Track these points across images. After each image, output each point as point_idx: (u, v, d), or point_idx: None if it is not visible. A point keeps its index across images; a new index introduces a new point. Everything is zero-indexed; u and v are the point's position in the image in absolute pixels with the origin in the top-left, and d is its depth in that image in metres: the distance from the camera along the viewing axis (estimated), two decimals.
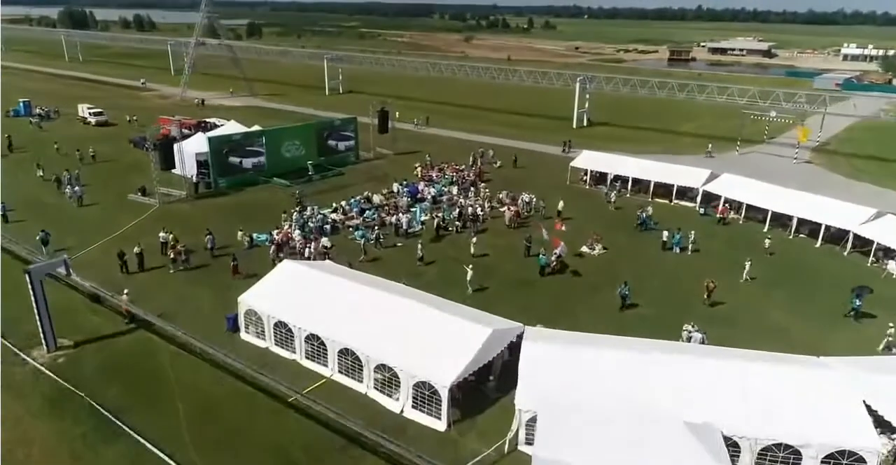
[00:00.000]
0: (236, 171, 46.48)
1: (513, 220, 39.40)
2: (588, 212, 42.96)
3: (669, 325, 27.63)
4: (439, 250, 35.62)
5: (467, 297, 29.97)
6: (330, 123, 53.95)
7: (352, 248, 35.38)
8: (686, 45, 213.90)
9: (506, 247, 36.35)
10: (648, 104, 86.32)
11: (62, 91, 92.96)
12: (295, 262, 26.44)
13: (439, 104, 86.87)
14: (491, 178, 50.64)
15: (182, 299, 28.90)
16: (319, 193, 45.51)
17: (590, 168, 49.50)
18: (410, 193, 43.76)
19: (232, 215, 40.24)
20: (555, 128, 73.67)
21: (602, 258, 35.37)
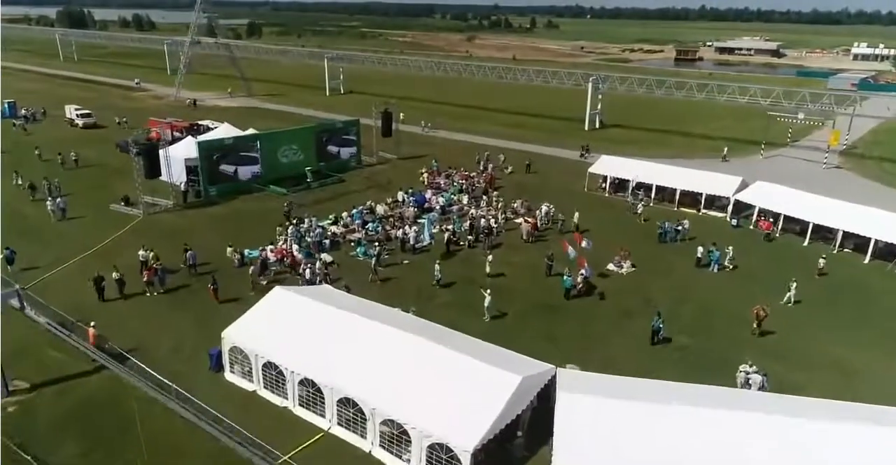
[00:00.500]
0: (228, 178, 43.01)
1: (530, 233, 35.89)
2: (610, 223, 39.46)
3: (715, 359, 24.25)
4: (451, 268, 32.12)
5: (484, 324, 26.56)
6: (330, 126, 50.48)
7: (352, 265, 31.93)
8: (692, 45, 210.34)
9: (524, 265, 32.85)
10: (661, 105, 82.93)
11: (53, 91, 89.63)
12: (287, 289, 22.95)
13: (444, 105, 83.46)
14: (502, 185, 47.13)
15: (161, 330, 25.43)
16: (318, 202, 42.08)
17: (609, 175, 45.98)
18: (417, 202, 40.27)
19: (223, 227, 36.82)
20: (566, 130, 70.25)
21: (631, 278, 31.86)
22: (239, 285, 29.12)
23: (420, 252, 34.06)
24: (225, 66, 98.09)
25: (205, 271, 30.42)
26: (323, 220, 37.56)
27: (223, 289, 28.57)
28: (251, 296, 28.32)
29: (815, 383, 22.42)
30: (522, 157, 54.21)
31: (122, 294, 27.78)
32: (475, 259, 33.23)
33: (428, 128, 66.89)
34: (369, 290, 28.80)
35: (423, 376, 18.42)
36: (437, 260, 30.24)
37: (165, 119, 58.20)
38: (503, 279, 31.00)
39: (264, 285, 29.48)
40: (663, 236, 36.94)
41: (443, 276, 29.85)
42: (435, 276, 29.69)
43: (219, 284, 27.87)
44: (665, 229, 37.13)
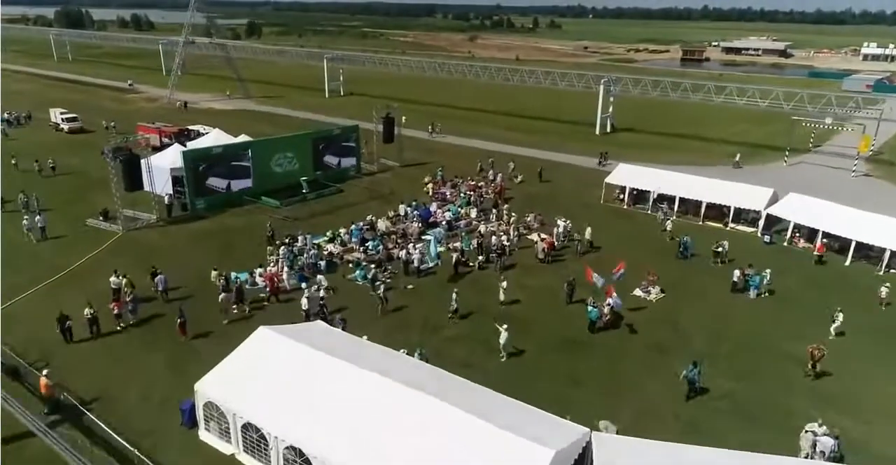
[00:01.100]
0: (217, 189, 39.77)
1: (546, 253, 32.63)
2: (631, 240, 36.20)
3: (767, 408, 21.06)
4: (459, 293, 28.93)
5: (500, 363, 23.35)
6: (327, 133, 47.23)
7: (350, 290, 28.69)
8: (698, 45, 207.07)
9: (541, 290, 29.60)
10: (673, 108, 79.76)
11: (42, 93, 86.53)
12: (273, 330, 19.68)
13: (447, 108, 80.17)
14: (512, 196, 43.88)
15: (129, 373, 22.19)
16: (314, 215, 38.86)
17: (628, 185, 42.70)
18: (422, 216, 37.04)
19: (209, 246, 33.61)
20: (575, 134, 67.04)
21: (661, 305, 28.58)
22: (213, 316, 25.96)
23: (425, 275, 30.82)
24: (222, 68, 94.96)
25: (179, 297, 27.26)
26: (318, 237, 34.36)
27: (204, 319, 25.44)
28: (224, 324, 25.41)
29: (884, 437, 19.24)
30: (533, 164, 50.99)
31: (95, 333, 24.23)
32: (486, 283, 29.99)
33: (436, 132, 63.56)
34: (370, 323, 25.58)
35: (433, 448, 15.19)
36: (454, 289, 26.94)
37: (154, 124, 54.96)
38: (519, 308, 27.75)
39: (246, 313, 26.42)
40: (683, 252, 33.92)
41: (459, 305, 26.53)
42: (451, 305, 26.39)
43: (187, 316, 24.51)
44: (685, 244, 34.08)
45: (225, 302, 25.80)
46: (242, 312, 26.48)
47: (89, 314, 23.95)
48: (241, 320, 25.89)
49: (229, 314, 25.96)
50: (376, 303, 26.91)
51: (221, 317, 25.67)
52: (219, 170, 39.45)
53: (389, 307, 27.09)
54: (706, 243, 35.23)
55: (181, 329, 24.07)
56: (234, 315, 26.17)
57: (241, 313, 26.37)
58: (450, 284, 29.79)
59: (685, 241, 34.37)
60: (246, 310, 26.54)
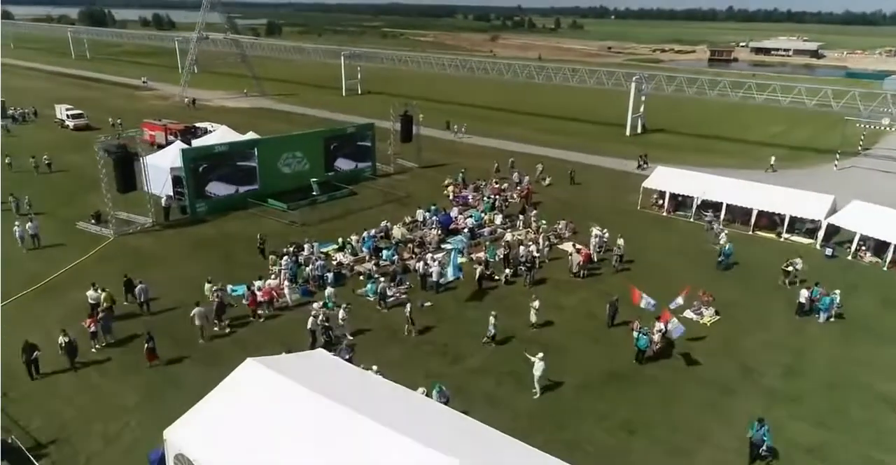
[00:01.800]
0: (221, 191, 36.64)
1: (581, 266, 28.90)
2: (673, 253, 32.38)
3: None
4: (483, 312, 25.38)
5: (533, 401, 19.75)
6: (341, 132, 43.94)
7: (359, 306, 25.22)
8: (725, 45, 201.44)
9: (578, 310, 25.93)
10: (705, 108, 75.64)
11: (54, 90, 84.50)
12: (260, 363, 16.25)
13: (468, 107, 76.64)
14: (540, 200, 40.20)
15: (97, 407, 18.92)
16: (324, 220, 35.55)
17: (668, 190, 38.79)
18: (441, 223, 33.53)
19: (207, 254, 30.44)
20: (604, 135, 63.11)
21: (717, 331, 24.72)
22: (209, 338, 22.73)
23: (444, 290, 27.28)
24: (239, 66, 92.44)
25: (162, 309, 24.10)
26: (326, 245, 31.03)
27: (192, 339, 22.24)
28: (206, 343, 22.30)
29: None
30: (561, 166, 47.27)
31: (73, 365, 20.75)
32: (514, 301, 26.37)
33: (461, 133, 59.97)
34: (382, 348, 22.17)
35: None
36: (492, 312, 23.11)
37: (160, 121, 52.17)
38: (553, 331, 24.09)
39: (225, 332, 23.18)
40: (723, 260, 30.46)
41: (497, 330, 22.88)
42: (489, 330, 22.79)
43: (156, 340, 21.22)
44: (726, 251, 30.50)
45: (200, 317, 22.52)
46: (222, 330, 23.30)
47: (63, 343, 20.48)
48: (234, 340, 22.60)
49: (205, 333, 22.82)
50: (403, 325, 23.48)
51: (198, 336, 22.59)
52: (222, 173, 36.24)
53: (417, 328, 23.58)
54: (758, 256, 31.44)
55: (150, 355, 20.76)
56: (215, 333, 23.06)
57: (220, 331, 23.23)
58: (472, 302, 26.29)
59: (726, 249, 30.75)
60: (226, 329, 23.38)
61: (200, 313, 22.53)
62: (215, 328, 23.25)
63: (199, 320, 22.48)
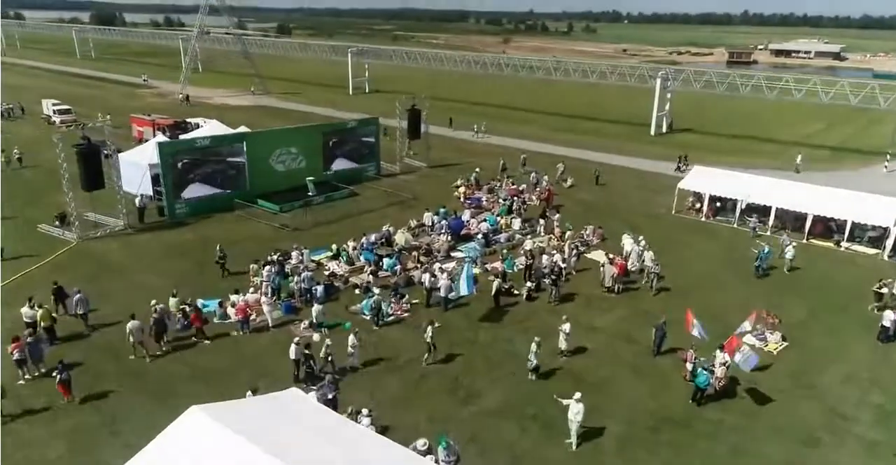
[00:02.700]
0: (204, 191, 32.68)
1: (616, 279, 24.55)
2: (720, 264, 27.96)
3: None
4: (499, 332, 21.19)
5: (569, 455, 15.48)
6: (341, 126, 39.92)
7: (354, 322, 21.05)
8: (743, 48, 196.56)
9: (614, 332, 21.62)
10: (734, 108, 71.33)
11: (51, 87, 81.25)
12: (207, 414, 12.11)
13: (481, 106, 72.60)
14: (562, 203, 35.95)
15: None
16: (318, 224, 31.46)
17: (708, 192, 34.37)
18: (452, 228, 29.36)
19: (181, 262, 26.43)
20: (627, 135, 58.71)
21: (786, 360, 20.29)
22: (169, 365, 18.66)
23: (454, 307, 23.07)
24: (245, 66, 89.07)
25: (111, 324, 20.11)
26: (319, 252, 26.96)
27: (141, 366, 18.18)
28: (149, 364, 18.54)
29: None
30: (583, 167, 43.03)
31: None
32: (538, 321, 22.13)
33: (481, 133, 55.70)
34: (378, 383, 18.01)
35: None
36: (535, 338, 18.60)
37: (149, 116, 48.51)
38: (587, 360, 19.80)
39: (160, 352, 19.20)
40: (760, 266, 26.41)
41: (538, 360, 18.44)
42: (530, 361, 18.32)
43: (70, 372, 17.06)
44: (763, 256, 26.38)
45: (136, 333, 18.63)
46: (157, 350, 19.40)
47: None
48: (195, 368, 18.50)
49: (140, 351, 18.99)
50: (427, 348, 19.28)
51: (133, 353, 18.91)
52: (206, 170, 32.27)
53: (435, 357, 19.37)
54: (820, 269, 27.06)
55: (62, 388, 16.63)
56: (159, 353, 19.26)
57: (152, 352, 19.24)
58: (487, 322, 22.05)
59: (764, 252, 26.60)
60: (163, 348, 19.48)
61: (136, 327, 18.61)
62: (160, 348, 19.33)
63: (135, 336, 18.58)
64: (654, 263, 25.03)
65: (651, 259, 25.25)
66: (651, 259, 25.25)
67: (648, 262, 25.22)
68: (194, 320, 20.03)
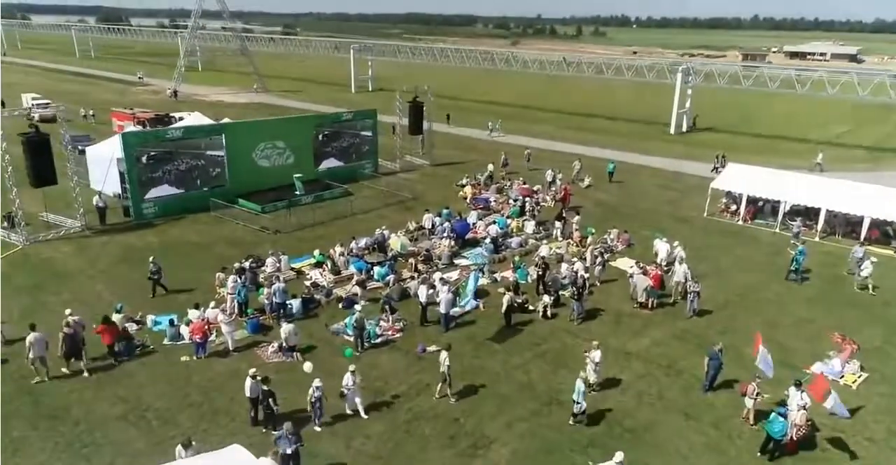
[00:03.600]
0: (176, 189, 28.99)
1: (650, 292, 20.60)
2: (768, 276, 23.94)
3: None
4: (513, 363, 17.31)
5: None
6: (335, 118, 36.20)
7: (332, 352, 17.21)
8: (756, 50, 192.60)
9: (652, 359, 17.66)
10: (757, 107, 67.52)
11: (43, 84, 78.23)
12: None
13: (489, 104, 69.02)
14: (580, 204, 32.06)
15: None
16: (303, 227, 27.70)
17: (746, 192, 30.36)
18: (457, 231, 25.55)
19: (137, 268, 22.58)
20: (646, 134, 54.84)
21: (870, 396, 16.24)
22: (96, 402, 14.89)
23: (455, 326, 19.20)
24: (242, 61, 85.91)
25: None
26: (300, 259, 23.22)
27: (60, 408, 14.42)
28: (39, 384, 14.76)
29: None
30: (600, 165, 39.10)
31: None
32: (558, 344, 18.26)
33: (496, 131, 51.79)
34: (358, 423, 14.16)
35: None
36: (581, 374, 14.72)
37: (131, 110, 45.08)
38: (622, 398, 15.83)
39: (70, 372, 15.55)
40: (797, 270, 22.96)
41: (584, 401, 14.44)
42: (578, 404, 14.30)
43: None
44: (797, 258, 22.88)
45: (37, 347, 15.08)
46: (64, 368, 15.73)
47: None
48: (127, 406, 14.71)
49: (39, 371, 15.50)
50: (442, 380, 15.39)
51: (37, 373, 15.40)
52: (178, 166, 28.57)
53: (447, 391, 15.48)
54: (883, 280, 23.01)
55: None
56: (65, 373, 15.63)
57: (54, 374, 15.58)
58: (496, 345, 18.16)
59: (800, 253, 23.06)
60: (83, 370, 15.82)
61: (38, 340, 15.08)
62: (64, 368, 15.70)
63: (36, 351, 15.05)
64: (693, 280, 20.44)
65: (687, 274, 20.83)
66: (687, 274, 20.83)
67: (682, 276, 20.91)
68: (104, 337, 16.18)
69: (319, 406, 13.78)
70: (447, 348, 15.44)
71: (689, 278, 20.52)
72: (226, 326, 16.95)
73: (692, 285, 20.19)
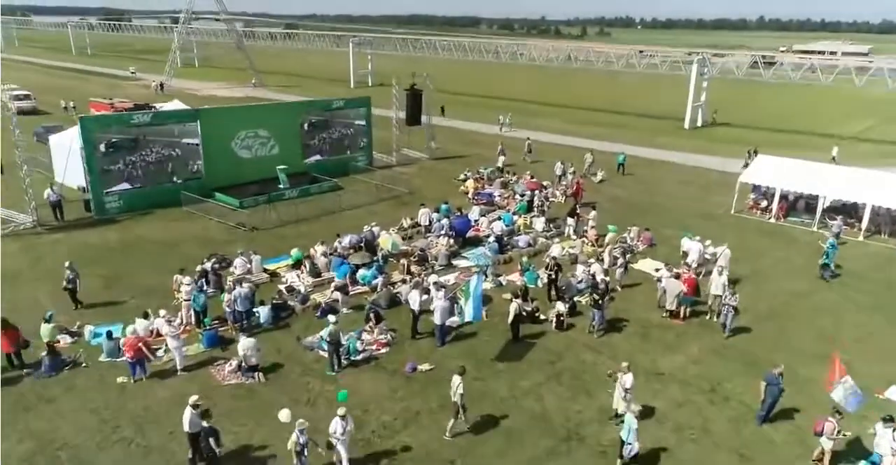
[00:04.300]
0: (143, 181, 26.07)
1: (682, 299, 17.51)
2: (819, 283, 20.86)
3: None
4: (522, 387, 14.29)
5: None
6: (324, 105, 33.19)
7: (305, 372, 14.21)
8: (763, 50, 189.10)
9: (691, 381, 14.58)
10: (776, 102, 64.52)
11: (32, 79, 75.64)
12: None
13: (493, 99, 66.06)
14: (595, 200, 28.98)
15: None
16: (285, 223, 24.73)
17: (778, 187, 27.23)
18: (456, 228, 22.54)
19: (88, 271, 19.72)
20: (658, 129, 51.75)
21: None
22: None
23: (453, 339, 16.18)
24: (236, 54, 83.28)
25: None
26: (274, 260, 20.26)
27: None
28: None
29: None
30: (612, 160, 36.05)
31: None
32: (575, 361, 15.22)
33: (507, 125, 48.56)
34: None
35: None
36: (634, 408, 11.50)
37: (110, 100, 42.32)
38: (659, 432, 12.72)
39: None
40: (828, 264, 20.33)
41: (636, 442, 11.23)
42: (628, 445, 11.12)
43: None
44: (829, 252, 20.28)
45: None
46: None
47: None
48: (42, 440, 11.73)
49: None
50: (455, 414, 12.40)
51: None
52: (147, 157, 25.62)
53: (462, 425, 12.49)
54: None
55: None
56: None
57: None
58: (502, 363, 15.13)
59: (831, 246, 20.48)
60: None
61: None
62: None
63: None
64: (729, 291, 16.82)
65: (725, 286, 17.05)
66: (725, 286, 17.05)
67: (720, 288, 17.13)
68: (3, 345, 13.24)
69: (305, 458, 10.69)
70: (461, 371, 12.40)
71: (727, 289, 16.89)
72: (173, 340, 13.94)
73: (728, 296, 16.62)
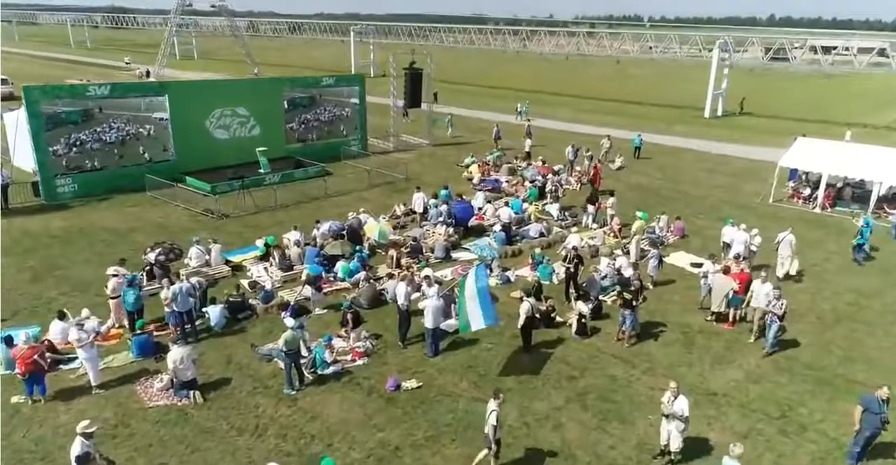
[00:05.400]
0: (101, 164, 22.99)
1: (733, 299, 14.22)
2: (886, 279, 17.58)
3: None
4: (536, 411, 11.07)
5: None
6: (311, 82, 29.95)
7: (255, 386, 11.07)
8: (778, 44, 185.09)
9: (755, 406, 11.31)
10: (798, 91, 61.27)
11: (24, 68, 73.34)
12: None
13: (502, 89, 63.17)
14: (613, 188, 25.66)
15: None
16: (260, 210, 21.63)
17: (824, 172, 23.86)
18: (457, 215, 19.33)
19: (18, 263, 16.69)
20: (676, 118, 48.61)
21: None
22: None
23: (448, 348, 12.98)
24: (234, 44, 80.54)
25: None
26: (241, 251, 17.15)
27: None
28: None
29: None
30: (629, 147, 32.79)
31: None
32: (603, 378, 12.00)
33: (524, 115, 44.84)
34: None
35: None
36: (730, 446, 8.23)
37: (83, 80, 39.53)
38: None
39: None
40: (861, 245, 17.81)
41: None
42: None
43: None
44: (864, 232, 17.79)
45: None
46: None
47: None
48: None
49: None
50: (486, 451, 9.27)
51: None
52: (106, 135, 22.59)
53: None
54: None
55: None
56: None
57: None
58: (510, 377, 11.93)
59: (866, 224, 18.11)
60: None
61: None
62: None
63: None
64: (776, 298, 12.91)
65: (770, 295, 13.03)
66: (770, 295, 13.03)
67: (765, 300, 13.11)
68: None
69: None
70: (495, 396, 9.21)
71: (772, 296, 13.01)
72: (83, 351, 10.78)
73: (774, 302, 12.88)
